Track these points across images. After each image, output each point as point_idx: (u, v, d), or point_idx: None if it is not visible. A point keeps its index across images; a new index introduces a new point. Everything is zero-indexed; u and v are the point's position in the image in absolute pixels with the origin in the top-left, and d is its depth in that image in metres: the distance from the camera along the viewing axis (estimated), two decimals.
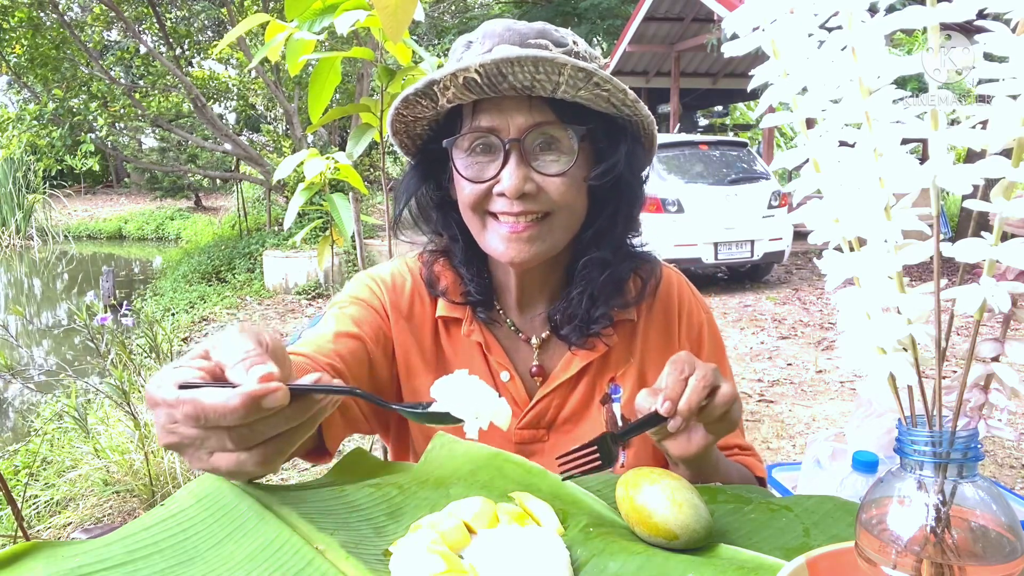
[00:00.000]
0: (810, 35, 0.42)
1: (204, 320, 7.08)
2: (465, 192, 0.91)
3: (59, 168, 13.15)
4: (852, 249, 0.44)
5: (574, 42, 0.90)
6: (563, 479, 0.74)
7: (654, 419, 0.76)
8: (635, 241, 1.02)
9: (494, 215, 0.90)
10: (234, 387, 0.53)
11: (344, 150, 1.81)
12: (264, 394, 0.53)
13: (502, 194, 0.87)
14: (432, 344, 1.02)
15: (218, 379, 0.57)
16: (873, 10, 0.41)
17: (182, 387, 0.54)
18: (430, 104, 0.90)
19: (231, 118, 15.01)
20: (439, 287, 1.01)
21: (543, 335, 1.01)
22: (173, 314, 7.42)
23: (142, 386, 3.39)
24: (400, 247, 1.07)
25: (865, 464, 1.29)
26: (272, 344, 0.60)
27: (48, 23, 9.28)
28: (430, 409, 0.62)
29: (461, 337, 1.01)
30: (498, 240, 0.90)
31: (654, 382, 0.80)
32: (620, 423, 0.97)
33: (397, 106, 0.90)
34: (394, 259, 1.07)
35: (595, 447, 0.76)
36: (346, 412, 0.91)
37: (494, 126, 0.87)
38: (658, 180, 7.37)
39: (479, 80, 0.82)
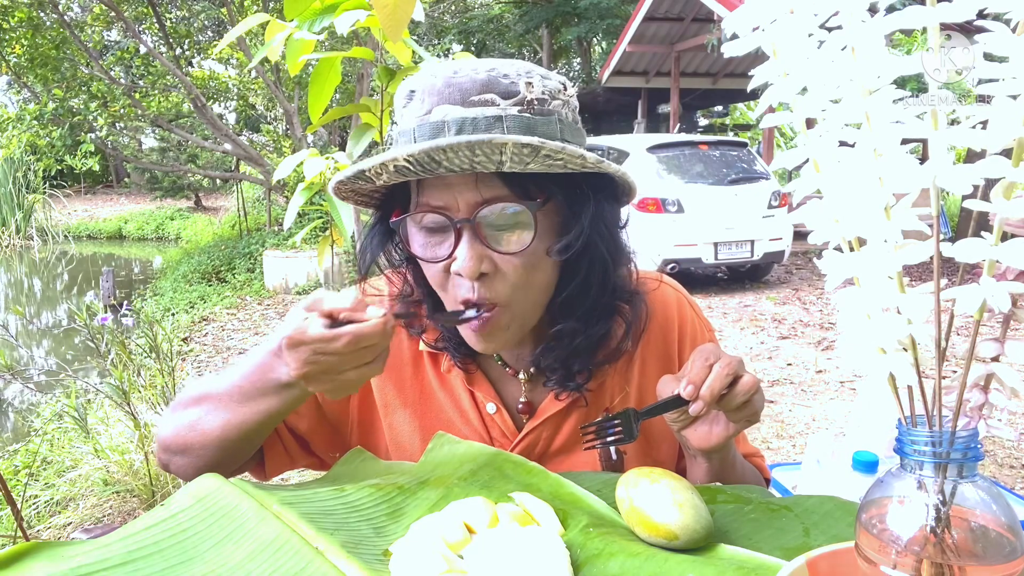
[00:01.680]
0: (810, 35, 0.42)
1: (204, 320, 7.07)
2: (428, 273, 0.85)
3: (59, 168, 13.12)
4: (852, 249, 0.44)
5: (528, 84, 0.79)
6: (584, 448, 0.84)
7: (675, 402, 0.77)
8: (621, 285, 0.91)
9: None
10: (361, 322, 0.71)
11: (344, 150, 1.81)
12: (389, 318, 0.72)
13: (459, 274, 0.80)
14: (413, 376, 0.98)
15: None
16: (873, 10, 0.41)
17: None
18: (368, 184, 0.83)
19: (231, 118, 14.99)
20: (417, 326, 0.97)
21: (531, 370, 0.96)
22: (173, 314, 7.41)
23: (142, 386, 3.39)
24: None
25: (865, 464, 1.29)
26: None
27: (48, 23, 9.27)
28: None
29: (444, 370, 0.98)
30: (466, 331, 0.86)
31: None
32: (614, 457, 0.94)
33: (334, 187, 0.84)
34: (380, 279, 1.00)
35: (619, 422, 0.80)
36: (288, 447, 0.99)
37: (442, 204, 0.79)
38: (658, 180, 7.38)
39: (411, 168, 0.75)
